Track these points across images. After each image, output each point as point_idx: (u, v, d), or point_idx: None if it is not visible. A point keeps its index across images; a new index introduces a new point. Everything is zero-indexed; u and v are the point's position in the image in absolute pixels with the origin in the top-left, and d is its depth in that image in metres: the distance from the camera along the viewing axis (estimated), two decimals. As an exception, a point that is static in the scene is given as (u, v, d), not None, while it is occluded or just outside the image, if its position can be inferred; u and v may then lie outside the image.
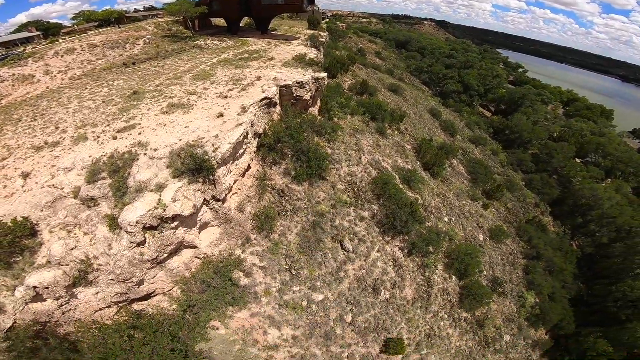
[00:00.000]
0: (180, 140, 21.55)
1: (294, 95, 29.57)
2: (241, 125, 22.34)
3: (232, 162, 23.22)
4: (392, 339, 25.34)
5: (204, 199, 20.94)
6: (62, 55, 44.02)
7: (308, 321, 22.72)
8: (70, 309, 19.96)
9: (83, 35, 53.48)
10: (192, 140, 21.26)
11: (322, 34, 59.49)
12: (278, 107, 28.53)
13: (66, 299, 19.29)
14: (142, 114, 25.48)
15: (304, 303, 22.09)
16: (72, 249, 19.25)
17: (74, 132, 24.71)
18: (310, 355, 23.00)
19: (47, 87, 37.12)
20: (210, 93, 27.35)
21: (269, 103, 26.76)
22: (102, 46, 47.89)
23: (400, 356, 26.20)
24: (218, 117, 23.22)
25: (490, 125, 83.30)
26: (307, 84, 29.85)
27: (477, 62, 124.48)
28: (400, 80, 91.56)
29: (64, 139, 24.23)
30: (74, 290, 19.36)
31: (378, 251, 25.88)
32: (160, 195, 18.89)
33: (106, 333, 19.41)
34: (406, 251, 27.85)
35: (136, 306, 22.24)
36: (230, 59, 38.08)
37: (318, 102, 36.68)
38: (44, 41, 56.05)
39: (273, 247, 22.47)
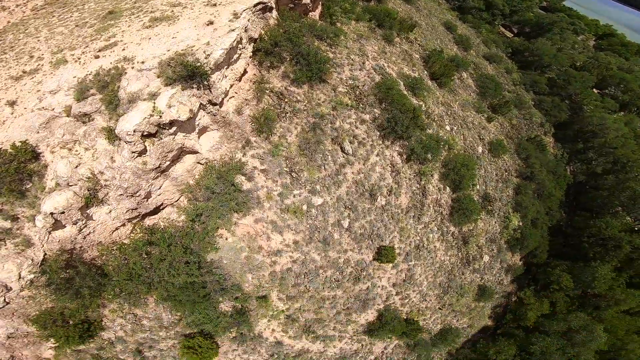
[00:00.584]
0: (168, 50, 20.69)
1: (292, -3, 26.29)
2: (234, 31, 20.78)
3: (227, 68, 22.43)
4: (385, 247, 27.37)
5: (200, 103, 20.76)
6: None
7: (308, 226, 24.12)
8: (89, 232, 21.20)
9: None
10: (182, 50, 20.35)
11: None
12: (275, 12, 25.95)
13: (83, 221, 20.35)
14: (123, 31, 23.84)
15: (304, 207, 23.17)
16: (76, 166, 19.70)
17: (52, 58, 23.69)
18: (310, 260, 25.12)
19: (9, 22, 33.52)
20: (196, 2, 24.94)
21: (264, 8, 24.21)
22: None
23: (390, 265, 28.65)
24: (208, 25, 21.49)
25: (509, 45, 77.80)
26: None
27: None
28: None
29: (42, 65, 23.37)
30: (88, 211, 20.26)
31: (377, 155, 26.32)
32: (154, 103, 18.85)
33: (126, 252, 20.93)
34: (405, 157, 28.35)
35: (148, 221, 23.58)
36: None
37: (319, 7, 33.18)
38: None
39: (273, 149, 22.66)
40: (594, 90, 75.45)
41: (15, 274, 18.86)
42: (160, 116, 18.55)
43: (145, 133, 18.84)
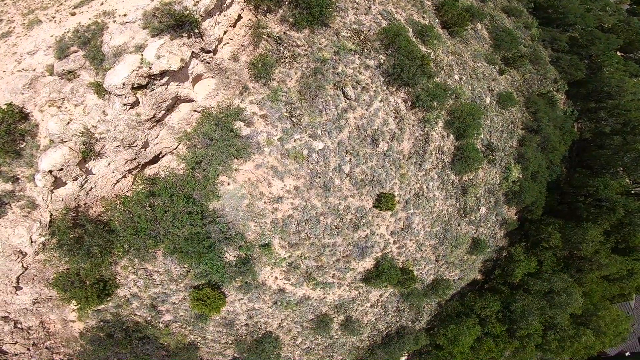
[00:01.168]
0: (152, 1, 20.02)
1: None
2: None
3: (220, 14, 21.92)
4: (385, 194, 28.01)
5: (192, 52, 20.57)
6: None
7: (309, 171, 24.54)
8: (91, 188, 21.84)
9: None
10: None
11: None
12: None
13: (84, 177, 20.91)
14: None
15: (305, 152, 23.46)
16: (68, 123, 19.94)
17: (23, 20, 23.19)
18: (310, 207, 25.87)
19: None
20: None
21: None
22: None
23: (390, 212, 29.38)
24: None
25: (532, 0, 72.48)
26: None
27: None
28: None
29: (14, 28, 22.90)
30: (86, 165, 20.77)
31: (381, 101, 26.22)
32: (142, 54, 18.75)
33: (130, 206, 21.34)
34: (409, 104, 28.25)
35: (149, 171, 23.96)
36: None
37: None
38: None
39: (272, 94, 22.55)
40: (618, 53, 72.07)
41: (26, 238, 19.75)
42: (150, 67, 18.53)
43: (135, 85, 18.98)
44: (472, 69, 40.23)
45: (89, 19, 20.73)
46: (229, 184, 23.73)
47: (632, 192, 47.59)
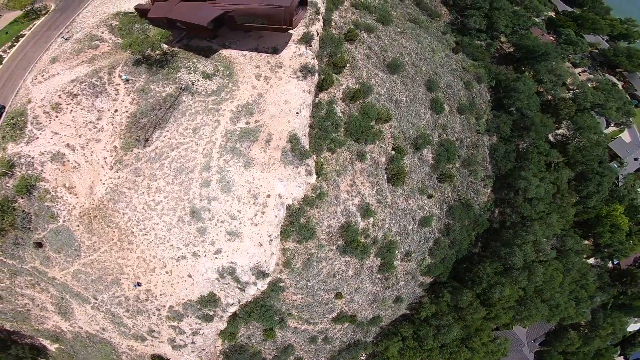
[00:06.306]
0: (250, 261, 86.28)
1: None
2: (274, 254, 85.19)
3: None
4: (338, 292, 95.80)
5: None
6: (55, 116, 73.05)
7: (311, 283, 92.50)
8: None
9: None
10: (255, 263, 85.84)
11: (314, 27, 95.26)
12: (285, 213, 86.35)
13: None
14: (217, 239, 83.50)
15: (305, 286, 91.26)
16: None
17: (186, 250, 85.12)
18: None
19: (101, 181, 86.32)
20: (244, 217, 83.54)
21: (279, 222, 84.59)
22: (81, 93, 73.57)
23: (341, 298, 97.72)
24: (260, 246, 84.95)
25: (494, 77, 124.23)
26: (302, 191, 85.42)
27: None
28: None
29: (185, 255, 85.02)
30: None
31: (337, 261, 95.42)
32: (257, 286, 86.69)
33: None
34: (352, 255, 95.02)
35: None
36: (233, 134, 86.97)
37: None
38: None
39: (292, 272, 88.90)
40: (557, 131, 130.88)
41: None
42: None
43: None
44: (401, 210, 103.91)
45: (226, 263, 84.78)
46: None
47: (499, 270, 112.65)
